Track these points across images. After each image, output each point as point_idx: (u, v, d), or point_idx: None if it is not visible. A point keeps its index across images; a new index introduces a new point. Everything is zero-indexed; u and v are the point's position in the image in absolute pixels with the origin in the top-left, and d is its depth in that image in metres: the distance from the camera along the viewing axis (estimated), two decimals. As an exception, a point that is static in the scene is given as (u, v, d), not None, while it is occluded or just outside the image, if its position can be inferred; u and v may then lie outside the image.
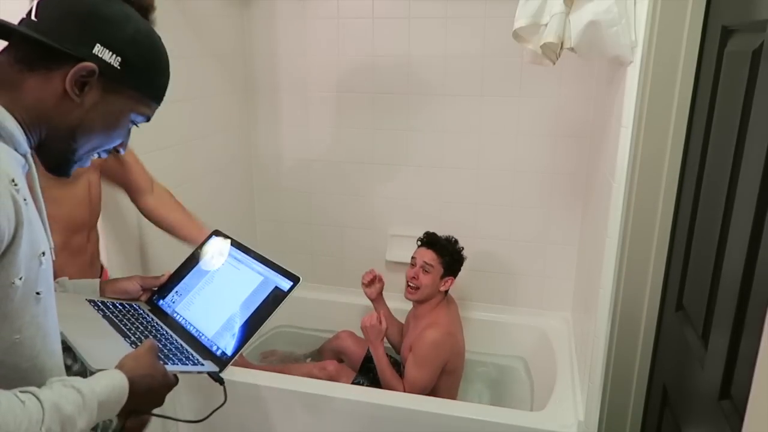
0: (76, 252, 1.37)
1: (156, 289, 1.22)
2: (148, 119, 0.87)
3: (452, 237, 2.11)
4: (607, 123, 1.65)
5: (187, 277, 1.22)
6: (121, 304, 1.12)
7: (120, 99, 0.81)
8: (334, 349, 2.33)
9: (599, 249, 1.52)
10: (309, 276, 2.66)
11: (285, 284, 1.12)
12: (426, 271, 2.02)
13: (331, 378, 2.07)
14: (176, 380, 0.91)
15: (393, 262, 2.49)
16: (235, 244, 1.25)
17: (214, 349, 1.07)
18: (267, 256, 1.20)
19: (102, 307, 1.07)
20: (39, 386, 0.70)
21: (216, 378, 1.02)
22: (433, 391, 1.97)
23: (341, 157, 2.46)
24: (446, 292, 2.08)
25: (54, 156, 0.80)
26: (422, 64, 2.25)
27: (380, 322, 1.95)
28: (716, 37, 1.16)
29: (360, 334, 2.23)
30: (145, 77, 0.83)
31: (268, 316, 1.09)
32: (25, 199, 0.69)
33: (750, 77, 0.96)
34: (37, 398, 0.67)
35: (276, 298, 1.11)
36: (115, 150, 0.87)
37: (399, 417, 1.74)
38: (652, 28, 1.28)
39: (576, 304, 2.21)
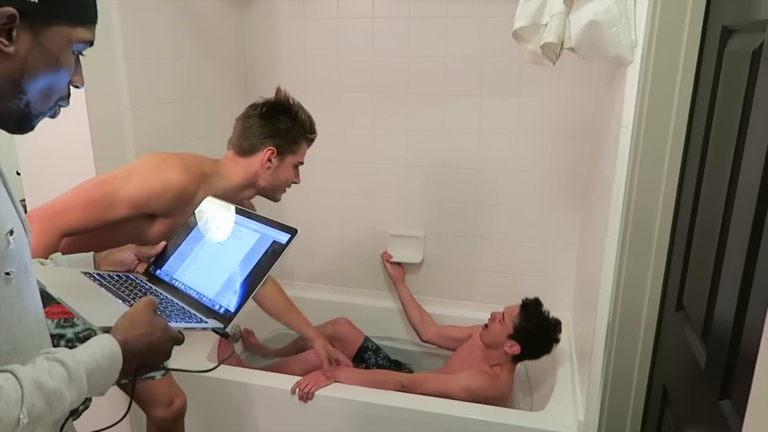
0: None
1: (152, 260, 1.20)
2: (91, 43, 0.79)
3: (556, 319, 1.96)
4: (607, 123, 1.65)
5: (182, 244, 1.21)
6: (117, 275, 1.11)
7: (53, 35, 0.73)
8: (330, 334, 2.33)
9: (599, 249, 1.52)
10: (309, 276, 2.67)
11: (282, 237, 1.11)
12: (501, 320, 1.96)
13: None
14: (182, 335, 0.90)
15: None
16: (230, 207, 1.25)
17: (216, 308, 1.06)
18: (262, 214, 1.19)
19: (98, 278, 1.06)
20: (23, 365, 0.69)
21: (222, 333, 1.02)
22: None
23: (341, 156, 2.46)
24: (513, 358, 1.94)
25: (8, 114, 0.74)
26: (422, 64, 2.25)
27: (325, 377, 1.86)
28: (716, 37, 1.16)
29: (356, 326, 2.32)
30: (68, 2, 0.75)
31: (269, 269, 1.09)
32: None
33: (750, 77, 0.96)
34: (16, 377, 0.65)
35: (275, 251, 1.10)
36: (74, 86, 0.80)
37: (398, 417, 1.74)
38: (652, 28, 1.28)
39: (576, 304, 2.21)
